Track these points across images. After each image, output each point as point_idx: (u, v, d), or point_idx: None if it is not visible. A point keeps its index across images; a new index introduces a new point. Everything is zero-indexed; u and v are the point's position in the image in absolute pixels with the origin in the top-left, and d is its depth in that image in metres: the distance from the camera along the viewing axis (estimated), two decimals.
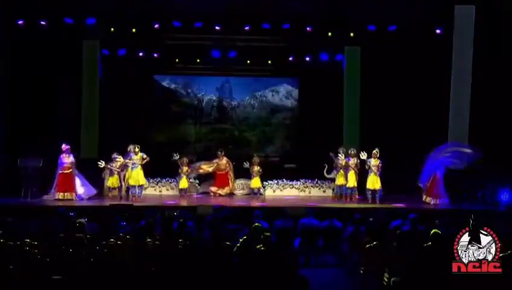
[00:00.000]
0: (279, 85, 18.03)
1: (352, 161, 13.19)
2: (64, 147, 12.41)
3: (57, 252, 5.79)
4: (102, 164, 12.88)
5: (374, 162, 12.69)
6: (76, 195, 12.37)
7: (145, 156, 12.55)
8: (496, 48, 13.03)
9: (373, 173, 12.67)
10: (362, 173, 13.12)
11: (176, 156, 13.75)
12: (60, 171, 12.31)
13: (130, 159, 12.53)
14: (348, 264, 7.97)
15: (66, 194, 12.25)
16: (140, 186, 12.68)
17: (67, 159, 12.38)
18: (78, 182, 12.51)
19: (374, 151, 12.73)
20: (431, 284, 5.25)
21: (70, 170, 12.36)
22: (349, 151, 13.36)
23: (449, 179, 12.70)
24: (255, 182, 13.94)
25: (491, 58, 13.02)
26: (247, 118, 17.82)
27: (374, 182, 12.67)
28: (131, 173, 12.51)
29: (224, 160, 14.32)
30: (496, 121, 13.02)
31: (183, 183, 13.71)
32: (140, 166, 12.52)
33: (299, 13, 13.69)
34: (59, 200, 12.11)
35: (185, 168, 13.73)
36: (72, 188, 12.33)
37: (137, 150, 12.51)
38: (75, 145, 13.37)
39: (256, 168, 13.91)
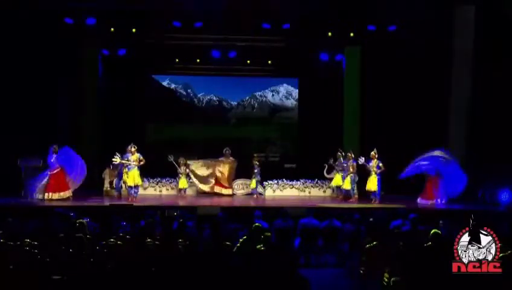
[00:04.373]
0: (279, 85, 18.08)
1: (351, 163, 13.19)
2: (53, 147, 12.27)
3: (57, 252, 5.78)
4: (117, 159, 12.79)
5: (373, 164, 12.67)
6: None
7: (141, 157, 12.48)
8: (496, 48, 13.02)
9: (373, 175, 12.66)
10: (363, 174, 13.13)
11: (171, 158, 13.73)
12: (50, 173, 12.17)
13: (127, 160, 12.51)
14: (348, 264, 7.97)
15: (61, 193, 12.17)
16: (137, 186, 12.66)
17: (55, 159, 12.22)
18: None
19: (372, 152, 12.72)
20: (431, 284, 5.25)
21: (59, 169, 12.25)
22: (349, 153, 13.36)
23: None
24: (253, 183, 13.91)
25: (491, 58, 13.01)
26: (247, 118, 17.82)
27: (373, 183, 12.66)
28: (128, 174, 12.52)
29: (230, 159, 14.07)
30: (496, 121, 13.01)
31: (182, 183, 13.71)
32: (136, 167, 12.50)
33: (299, 13, 13.69)
34: (56, 200, 12.02)
35: (183, 168, 13.71)
36: (65, 186, 12.27)
37: (133, 149, 12.49)
38: (75, 145, 13.34)
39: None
